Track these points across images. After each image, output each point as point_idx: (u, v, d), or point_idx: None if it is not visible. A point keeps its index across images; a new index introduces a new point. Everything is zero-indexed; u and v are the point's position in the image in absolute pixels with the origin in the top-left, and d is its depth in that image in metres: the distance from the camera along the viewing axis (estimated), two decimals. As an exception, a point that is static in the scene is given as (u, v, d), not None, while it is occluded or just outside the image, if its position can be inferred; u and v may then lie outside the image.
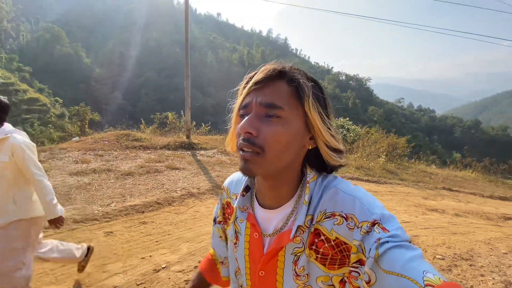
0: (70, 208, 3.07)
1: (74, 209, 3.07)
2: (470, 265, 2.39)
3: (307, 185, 0.52)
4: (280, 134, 0.48)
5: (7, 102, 1.61)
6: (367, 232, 0.44)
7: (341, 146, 0.53)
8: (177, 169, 4.99)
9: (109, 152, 5.16)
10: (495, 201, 5.02)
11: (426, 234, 3.02)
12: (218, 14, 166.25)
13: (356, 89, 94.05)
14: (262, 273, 0.55)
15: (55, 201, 1.64)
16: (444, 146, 68.59)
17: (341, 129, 9.42)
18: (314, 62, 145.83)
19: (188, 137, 6.97)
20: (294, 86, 0.49)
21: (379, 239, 0.42)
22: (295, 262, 0.52)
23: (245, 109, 0.50)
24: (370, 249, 0.43)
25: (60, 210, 1.67)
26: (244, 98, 0.51)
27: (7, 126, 1.61)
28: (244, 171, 0.49)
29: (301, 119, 0.50)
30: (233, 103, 0.56)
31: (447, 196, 5.03)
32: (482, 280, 2.10)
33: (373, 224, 0.45)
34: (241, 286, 0.61)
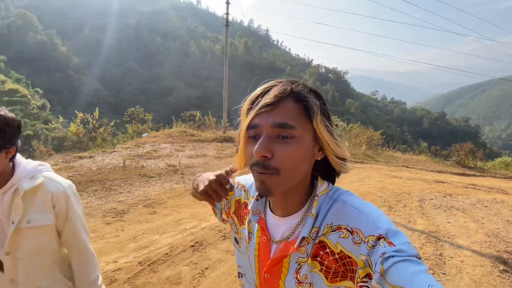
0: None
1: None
2: (408, 194, 4.94)
3: (316, 198, 0.53)
4: (295, 153, 0.49)
5: (16, 118, 0.89)
6: (373, 247, 0.45)
7: (347, 154, 0.54)
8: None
9: (185, 144, 7.03)
10: (434, 173, 7.65)
11: (390, 186, 5.56)
12: (198, 2, 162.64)
13: (335, 82, 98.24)
14: (267, 275, 0.57)
15: (100, 280, 1.06)
16: (414, 136, 74.72)
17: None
18: (295, 54, 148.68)
19: (224, 132, 9.07)
20: (301, 104, 0.50)
21: (384, 253, 0.43)
22: (297, 271, 0.53)
23: (254, 129, 0.50)
24: (376, 263, 0.43)
25: None
26: (253, 118, 0.51)
27: (23, 160, 0.96)
28: (262, 191, 0.51)
29: (311, 135, 0.51)
30: (239, 121, 0.56)
31: (405, 170, 7.61)
32: (410, 200, 4.64)
33: (379, 238, 0.45)
34: (251, 283, 0.66)
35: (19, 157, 0.94)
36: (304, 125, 0.50)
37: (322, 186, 0.55)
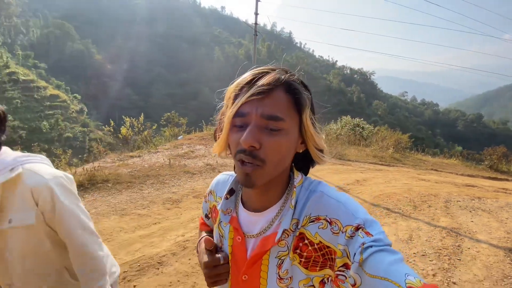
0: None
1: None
2: (435, 196, 5.00)
3: (294, 189, 0.53)
4: (282, 145, 0.48)
5: (4, 110, 0.82)
6: (351, 237, 0.45)
7: (325, 146, 0.54)
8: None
9: (216, 145, 7.57)
10: (464, 177, 7.44)
11: (416, 188, 5.64)
12: (222, 8, 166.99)
13: (361, 83, 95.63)
14: (245, 277, 0.54)
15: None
16: (447, 139, 70.61)
17: (357, 128, 12.00)
18: (319, 56, 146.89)
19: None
20: (292, 95, 0.49)
21: (363, 243, 0.43)
22: (279, 266, 0.52)
23: (242, 117, 0.48)
24: (355, 253, 0.43)
25: None
26: (241, 105, 0.48)
27: (7, 151, 0.84)
28: (246, 184, 0.49)
29: (297, 127, 0.51)
30: (221, 105, 0.55)
31: (433, 173, 7.48)
32: (436, 201, 4.74)
33: (357, 228, 0.45)
34: None
35: (4, 149, 0.83)
36: (292, 118, 0.49)
37: (297, 177, 0.55)
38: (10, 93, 42.03)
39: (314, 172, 6.15)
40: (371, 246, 0.42)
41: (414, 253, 2.98)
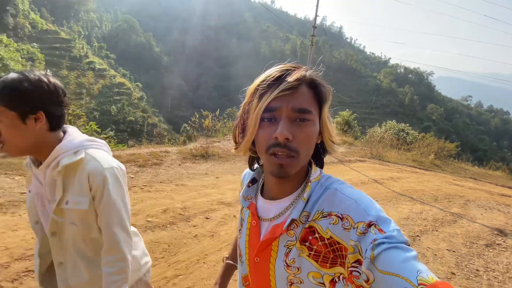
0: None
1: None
2: (461, 197, 5.65)
3: (309, 183, 0.55)
4: (311, 136, 0.52)
5: (59, 84, 0.83)
6: (363, 233, 0.45)
7: (337, 137, 0.58)
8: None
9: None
10: (503, 188, 7.53)
11: (446, 189, 6.28)
12: (272, 2, 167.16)
13: (415, 84, 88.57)
14: (257, 259, 0.59)
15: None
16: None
17: (401, 133, 12.38)
18: (370, 52, 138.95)
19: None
20: (314, 90, 0.53)
21: (375, 240, 0.43)
22: (287, 254, 0.54)
23: (271, 112, 0.51)
24: (366, 249, 0.44)
25: None
26: (272, 101, 0.51)
27: (75, 133, 0.89)
28: (281, 174, 0.52)
29: (318, 120, 0.55)
30: (244, 101, 0.57)
31: (470, 181, 7.77)
32: (458, 200, 5.48)
33: (369, 225, 0.46)
34: (242, 274, 0.67)
35: (72, 130, 0.88)
36: (316, 110, 0.53)
37: (315, 173, 0.57)
38: (91, 80, 49.13)
39: (355, 168, 7.24)
40: (383, 243, 0.43)
41: (422, 218, 4.15)
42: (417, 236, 3.58)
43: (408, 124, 13.12)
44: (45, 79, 0.80)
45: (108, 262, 0.87)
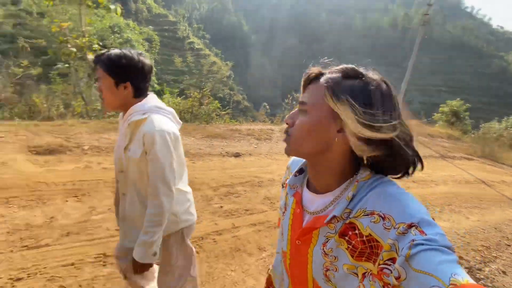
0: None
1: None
2: None
3: (356, 183, 0.56)
4: (303, 124, 0.57)
5: (147, 63, 1.06)
6: (403, 233, 0.45)
7: (380, 135, 0.51)
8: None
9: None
10: None
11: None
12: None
13: None
14: (298, 242, 0.63)
15: (157, 245, 1.07)
16: None
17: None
18: (497, 26, 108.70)
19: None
20: (325, 87, 0.56)
21: (413, 240, 0.43)
22: (324, 243, 0.58)
23: (299, 104, 0.60)
24: (403, 248, 0.44)
25: (153, 257, 1.08)
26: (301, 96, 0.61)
27: (150, 100, 1.10)
28: (284, 151, 0.62)
29: (323, 112, 0.55)
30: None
31: None
32: None
33: (410, 226, 0.45)
34: (282, 249, 0.72)
35: (150, 96, 1.11)
36: (319, 103, 0.56)
37: (364, 173, 0.57)
38: (190, 59, 55.85)
39: (459, 165, 6.78)
40: (422, 244, 0.42)
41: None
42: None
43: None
44: (137, 58, 1.04)
45: (150, 205, 1.07)
